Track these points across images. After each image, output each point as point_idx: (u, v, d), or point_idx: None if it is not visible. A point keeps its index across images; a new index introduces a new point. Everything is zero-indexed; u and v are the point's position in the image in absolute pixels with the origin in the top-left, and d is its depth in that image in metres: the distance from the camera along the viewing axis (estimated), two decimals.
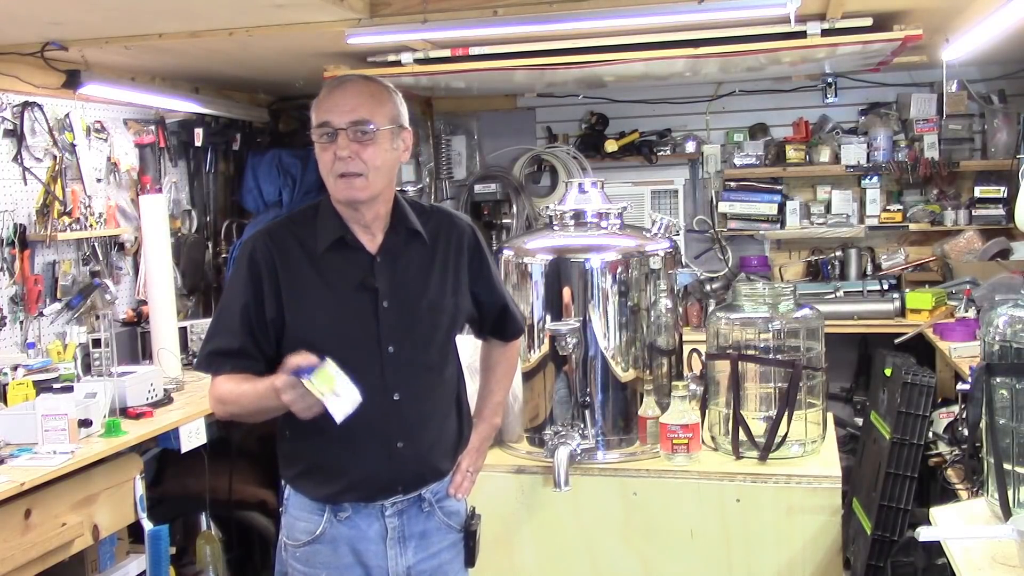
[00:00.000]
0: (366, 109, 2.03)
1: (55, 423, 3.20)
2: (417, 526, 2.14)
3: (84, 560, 3.34)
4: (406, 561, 2.12)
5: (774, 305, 2.89)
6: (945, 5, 3.60)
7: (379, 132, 2.03)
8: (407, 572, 2.13)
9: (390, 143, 2.07)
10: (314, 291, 2.07)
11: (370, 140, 2.02)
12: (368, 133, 2.02)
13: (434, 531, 2.17)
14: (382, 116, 2.05)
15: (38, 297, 3.98)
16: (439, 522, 2.17)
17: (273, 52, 4.14)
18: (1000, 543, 1.99)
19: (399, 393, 2.08)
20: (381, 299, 2.07)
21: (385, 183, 2.08)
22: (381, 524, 2.11)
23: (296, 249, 2.09)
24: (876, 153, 5.43)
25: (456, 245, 2.18)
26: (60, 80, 4.04)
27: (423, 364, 2.11)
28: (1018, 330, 2.09)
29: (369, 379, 1.98)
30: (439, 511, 2.17)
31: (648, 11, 3.40)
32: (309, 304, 2.06)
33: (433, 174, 6.11)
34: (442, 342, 2.16)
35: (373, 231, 2.11)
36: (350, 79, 2.09)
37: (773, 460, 2.77)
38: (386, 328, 2.07)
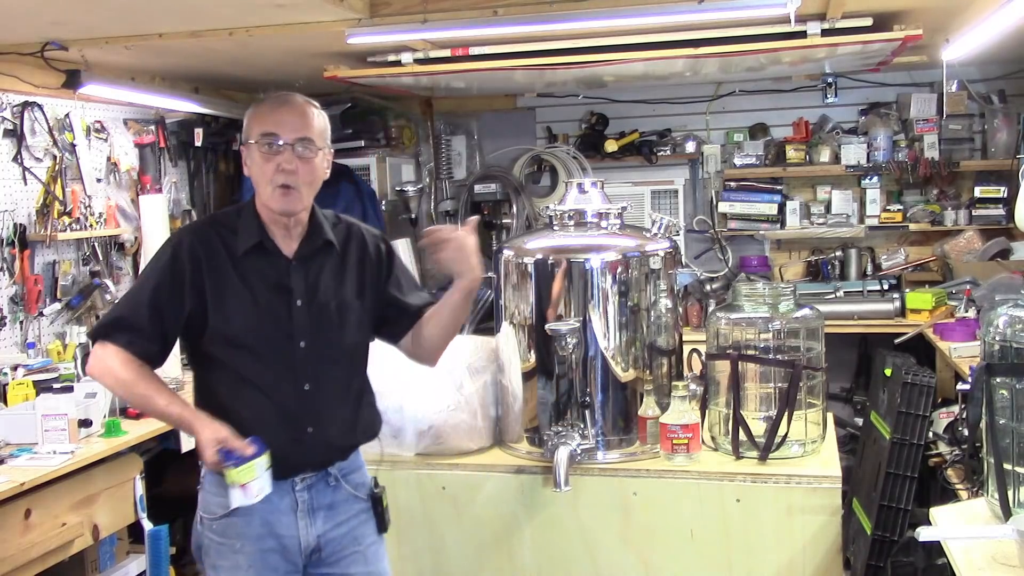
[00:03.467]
0: (310, 129, 2.25)
1: (55, 423, 3.20)
2: (325, 498, 2.31)
3: (84, 560, 3.34)
4: (316, 530, 2.30)
5: (774, 305, 2.89)
6: (945, 5, 3.60)
7: (320, 152, 2.27)
8: (317, 540, 2.30)
9: (323, 162, 2.29)
10: (235, 290, 2.25)
11: (311, 157, 2.25)
12: (311, 151, 2.24)
13: (341, 502, 2.34)
14: (320, 137, 2.28)
15: (38, 297, 3.98)
16: (346, 494, 2.35)
17: (273, 52, 4.14)
18: (1000, 543, 1.99)
19: (309, 384, 2.27)
20: (295, 299, 2.27)
21: (312, 195, 2.31)
22: (292, 498, 2.28)
23: (220, 249, 2.27)
24: (876, 153, 5.43)
25: (360, 254, 2.38)
26: (60, 80, 4.04)
27: (331, 358, 2.30)
28: (1018, 330, 2.10)
29: (283, 371, 2.25)
30: (345, 484, 2.35)
31: (648, 11, 3.40)
32: (231, 302, 2.25)
33: (433, 174, 6.12)
34: (350, 339, 2.35)
35: (292, 237, 2.30)
36: (293, 96, 2.28)
37: (773, 460, 2.77)
38: (299, 325, 2.27)
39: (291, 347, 2.26)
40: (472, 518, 2.91)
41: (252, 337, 2.25)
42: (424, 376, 2.92)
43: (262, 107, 2.28)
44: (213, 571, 2.29)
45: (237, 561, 2.26)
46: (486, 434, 3.03)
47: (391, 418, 2.90)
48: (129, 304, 2.27)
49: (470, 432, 2.97)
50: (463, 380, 2.97)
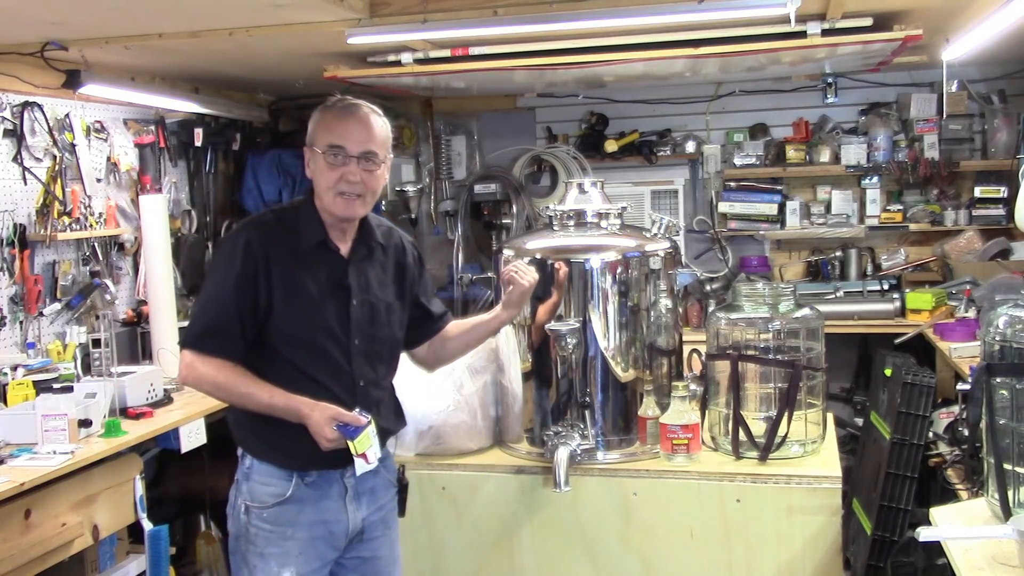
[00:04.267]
0: (376, 142, 2.32)
1: (55, 423, 3.20)
2: (367, 483, 2.41)
3: (84, 560, 3.34)
4: (361, 514, 2.40)
5: (774, 305, 2.89)
6: (945, 5, 3.60)
7: (383, 163, 2.35)
8: (362, 523, 2.41)
9: (385, 171, 2.38)
10: (299, 286, 2.31)
11: (375, 169, 2.33)
12: (375, 163, 2.32)
13: (380, 487, 2.46)
14: (384, 149, 2.35)
15: (38, 297, 3.98)
16: (384, 479, 2.47)
17: (273, 52, 4.14)
18: (1000, 543, 1.99)
19: (363, 379, 2.37)
20: (352, 297, 2.35)
21: (374, 203, 2.39)
22: (341, 485, 2.36)
23: (284, 244, 2.32)
24: (876, 153, 5.43)
25: (399, 257, 2.50)
26: (60, 80, 4.04)
27: (378, 355, 2.41)
28: (1018, 330, 2.10)
29: (339, 366, 2.33)
30: (384, 470, 2.46)
31: (648, 11, 3.39)
32: (295, 298, 2.30)
33: (433, 174, 6.12)
34: (394, 337, 2.48)
35: (346, 238, 2.38)
36: (361, 108, 2.34)
37: (773, 460, 2.77)
38: (355, 322, 2.35)
39: (347, 343, 2.34)
40: (472, 518, 2.91)
41: (312, 332, 2.32)
42: (424, 376, 2.92)
43: (329, 114, 2.33)
44: (260, 559, 2.32)
45: (288, 548, 2.32)
46: (486, 434, 3.03)
47: None
48: (213, 309, 2.30)
49: (470, 432, 2.97)
50: (463, 380, 2.97)
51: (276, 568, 2.31)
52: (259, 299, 2.27)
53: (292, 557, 2.32)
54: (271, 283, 2.28)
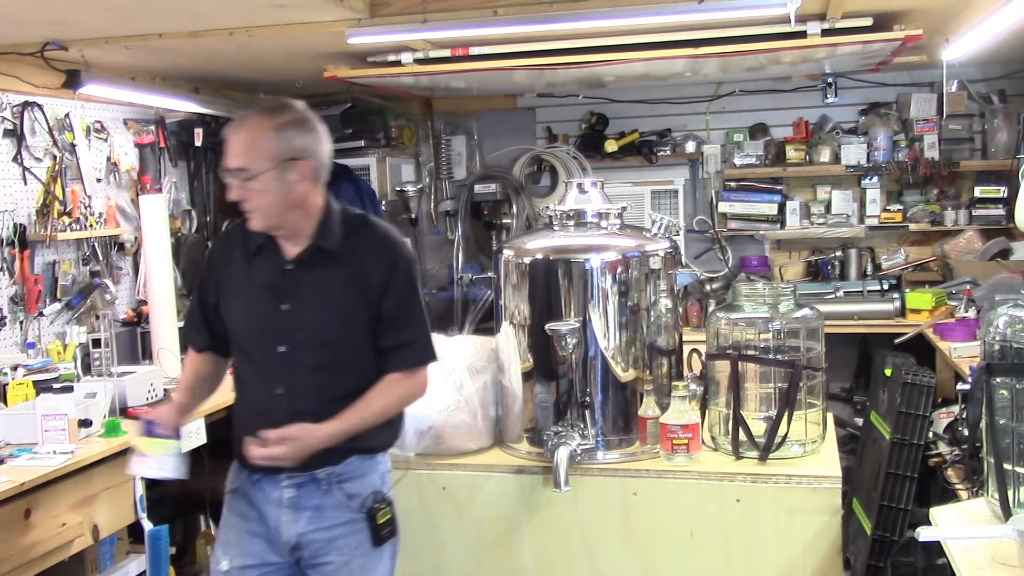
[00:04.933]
0: (245, 156, 2.23)
1: (55, 423, 3.20)
2: (313, 500, 2.33)
3: (84, 560, 3.33)
4: (298, 528, 2.32)
5: (774, 305, 2.89)
6: (945, 5, 3.60)
7: (260, 175, 2.22)
8: (297, 538, 2.33)
9: (275, 181, 2.23)
10: (239, 288, 2.37)
11: (250, 183, 2.23)
12: (246, 178, 2.23)
13: (331, 507, 2.33)
14: (261, 159, 2.22)
15: (38, 297, 3.98)
16: (337, 500, 2.33)
17: (273, 52, 4.14)
18: (1000, 543, 1.99)
19: (282, 388, 2.31)
20: (282, 302, 2.31)
21: (280, 214, 2.28)
22: (279, 492, 2.33)
23: (239, 249, 2.38)
24: (876, 153, 5.43)
25: (373, 266, 2.33)
26: (60, 80, 4.04)
27: (312, 366, 2.30)
28: (1018, 330, 2.09)
29: (262, 371, 2.33)
30: (339, 491, 2.33)
31: (648, 11, 3.40)
32: (233, 299, 2.38)
33: (433, 174, 6.12)
34: (338, 348, 2.32)
35: (296, 243, 2.33)
36: (243, 120, 2.29)
37: (773, 460, 2.77)
38: (281, 329, 2.31)
39: (271, 350, 2.31)
40: (472, 518, 2.91)
41: (243, 335, 2.37)
42: None
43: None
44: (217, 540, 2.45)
45: (229, 537, 2.40)
46: (486, 434, 3.03)
47: None
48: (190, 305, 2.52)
49: (470, 432, 2.97)
50: (463, 380, 2.97)
51: (219, 552, 2.40)
52: (210, 298, 2.41)
53: (231, 547, 2.38)
54: (220, 283, 2.40)
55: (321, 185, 2.34)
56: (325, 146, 2.33)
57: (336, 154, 6.04)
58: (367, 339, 2.34)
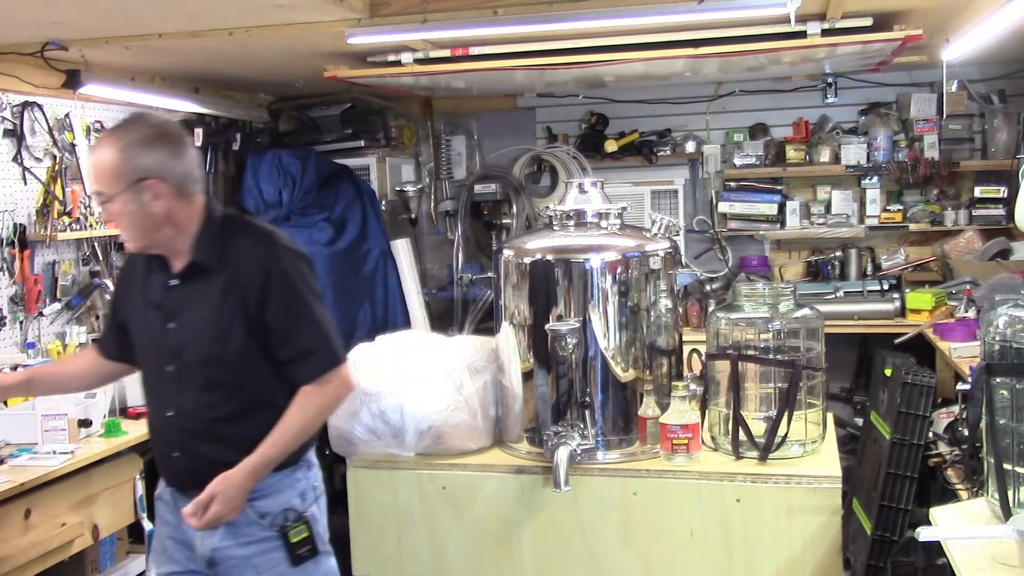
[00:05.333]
0: (98, 180, 2.21)
1: (55, 423, 3.20)
2: None
3: (84, 560, 3.34)
4: (212, 543, 2.29)
5: (774, 305, 2.89)
6: (945, 5, 3.60)
7: (115, 198, 2.18)
8: (212, 552, 2.29)
9: (131, 203, 2.18)
10: (134, 306, 2.36)
11: (109, 207, 2.21)
12: (102, 200, 2.21)
13: (244, 524, 2.27)
14: (111, 183, 2.17)
15: (38, 297, 3.98)
16: (249, 518, 2.27)
17: (273, 52, 4.14)
18: (1000, 543, 1.99)
19: (172, 410, 2.28)
20: (167, 319, 2.27)
21: (146, 235, 2.23)
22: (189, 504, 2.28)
23: (141, 266, 2.34)
24: (876, 153, 5.43)
25: (248, 275, 2.23)
26: (60, 80, 4.04)
27: (201, 386, 2.24)
28: (1018, 330, 2.09)
29: (154, 392, 2.33)
30: (250, 508, 2.27)
31: (648, 11, 3.40)
32: (130, 318, 2.37)
33: (433, 174, 6.12)
34: (224, 366, 2.24)
35: (179, 259, 2.28)
36: (98, 142, 2.28)
37: (773, 460, 2.77)
38: (168, 348, 2.26)
39: (160, 370, 2.28)
40: (472, 518, 2.91)
41: (140, 355, 2.37)
42: (424, 376, 2.92)
43: None
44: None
45: (156, 543, 2.42)
46: (486, 434, 3.03)
47: (391, 418, 2.90)
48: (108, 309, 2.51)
49: (470, 432, 2.97)
50: (463, 380, 2.97)
51: (151, 561, 2.44)
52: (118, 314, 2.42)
53: (156, 553, 2.40)
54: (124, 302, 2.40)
55: (194, 196, 2.25)
56: (183, 159, 2.22)
57: (336, 154, 6.01)
58: (254, 353, 2.24)
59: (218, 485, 2.18)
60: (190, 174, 2.24)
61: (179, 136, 2.25)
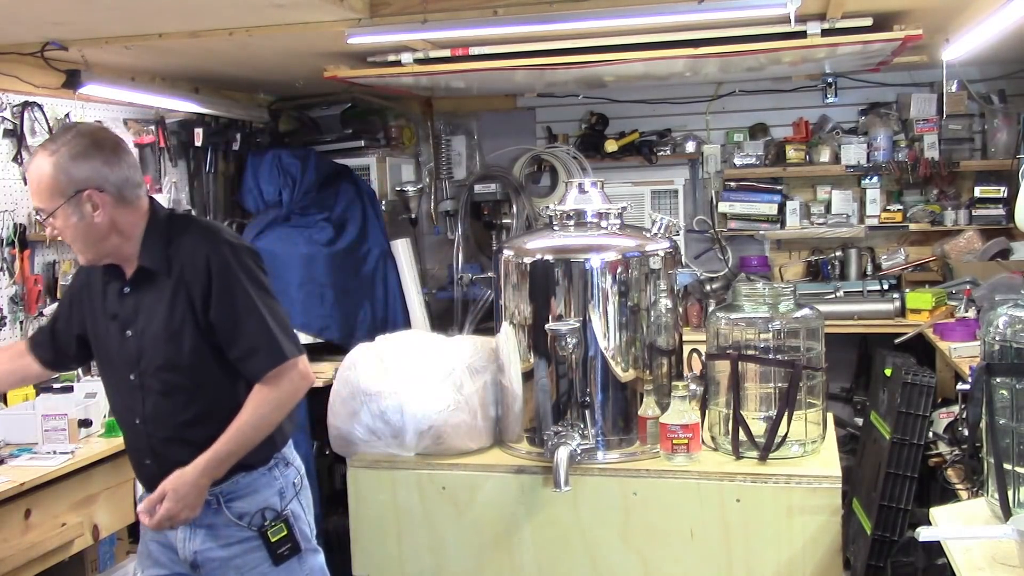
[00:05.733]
0: (36, 196, 2.19)
1: (55, 423, 3.20)
2: (205, 519, 2.28)
3: (84, 560, 3.34)
4: (194, 546, 2.31)
5: (774, 305, 2.89)
6: (945, 5, 3.60)
7: (55, 213, 2.16)
8: (194, 556, 2.31)
9: (72, 216, 2.16)
10: (94, 317, 2.33)
11: (52, 221, 2.18)
12: (47, 218, 2.19)
13: (222, 526, 2.30)
14: (48, 198, 2.16)
15: (38, 297, 3.97)
16: (228, 519, 2.29)
17: (273, 52, 4.14)
18: (1000, 543, 1.99)
19: (139, 418, 2.28)
20: (124, 328, 2.25)
21: (94, 246, 2.22)
22: None
23: (98, 278, 2.32)
24: (876, 153, 5.43)
25: (192, 274, 2.21)
26: (60, 80, 4.04)
27: (161, 392, 2.24)
28: (1018, 330, 2.09)
29: (121, 402, 2.31)
30: (227, 510, 2.29)
31: (648, 11, 3.40)
32: (90, 328, 2.35)
33: (433, 174, 6.12)
34: (182, 370, 2.22)
35: (130, 266, 2.26)
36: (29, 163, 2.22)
37: (773, 460, 2.77)
38: (128, 356, 2.25)
39: (124, 379, 2.27)
40: (472, 518, 2.91)
41: (100, 364, 2.37)
42: (424, 376, 2.93)
43: None
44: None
45: (141, 547, 2.43)
46: (486, 434, 3.03)
47: (391, 418, 2.90)
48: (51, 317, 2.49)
49: (470, 432, 2.97)
50: (463, 380, 2.97)
51: (137, 564, 2.45)
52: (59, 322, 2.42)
53: (142, 556, 2.42)
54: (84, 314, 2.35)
55: (136, 201, 2.23)
56: (119, 166, 2.20)
57: (336, 154, 6.01)
58: (207, 354, 2.23)
59: (169, 483, 2.18)
60: (129, 180, 2.21)
61: (114, 143, 2.22)
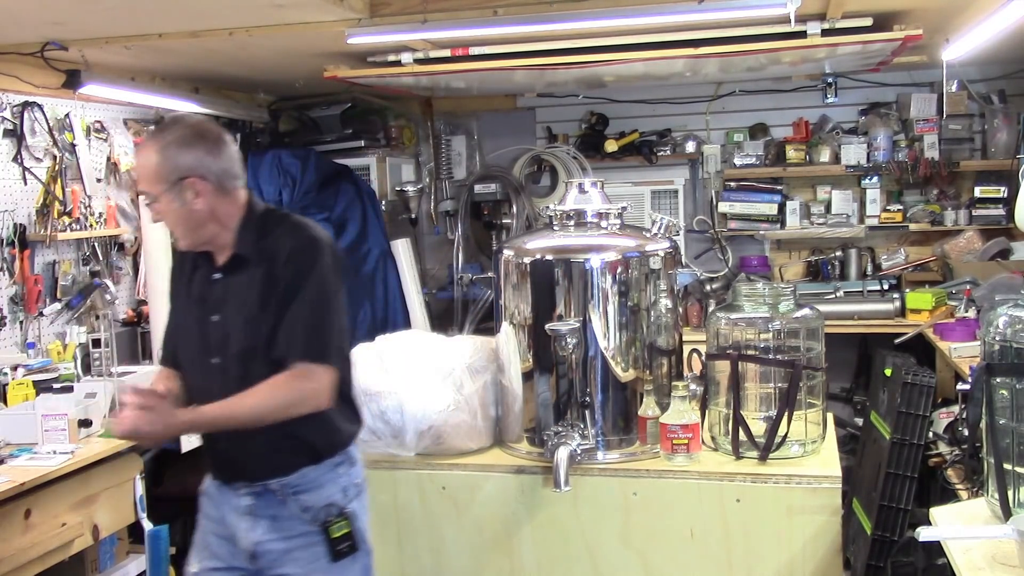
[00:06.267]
0: (143, 181, 2.27)
1: (55, 423, 3.20)
2: (269, 510, 2.31)
3: (84, 560, 3.34)
4: (255, 536, 2.31)
5: (774, 305, 2.88)
6: (945, 5, 3.60)
7: (160, 198, 2.24)
8: (254, 546, 2.32)
9: (175, 201, 2.24)
10: (179, 303, 2.40)
11: (155, 206, 2.27)
12: (148, 200, 2.27)
13: (287, 518, 2.31)
14: (156, 183, 2.24)
15: (38, 297, 3.98)
16: (292, 512, 2.31)
17: (273, 52, 4.14)
18: (1000, 543, 1.99)
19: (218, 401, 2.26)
20: (211, 313, 2.30)
21: (194, 232, 2.28)
22: (238, 500, 2.33)
23: (189, 263, 2.39)
24: (876, 153, 5.43)
25: (276, 263, 2.26)
26: (60, 80, 4.04)
27: (240, 376, 2.25)
28: (1018, 330, 2.09)
29: (201, 387, 2.30)
30: (293, 502, 2.31)
31: (648, 11, 3.40)
32: (174, 313, 2.41)
33: (433, 174, 6.12)
34: (264, 357, 2.25)
35: (223, 254, 2.33)
36: (140, 144, 2.34)
37: (773, 460, 2.76)
38: (212, 340, 2.29)
39: (206, 363, 2.30)
40: (472, 518, 2.91)
41: (182, 349, 2.38)
42: (424, 376, 2.92)
43: None
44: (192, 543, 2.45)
45: (198, 538, 2.42)
46: (486, 434, 3.03)
47: (391, 418, 2.90)
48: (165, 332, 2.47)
49: (470, 432, 2.97)
50: (463, 380, 2.97)
51: (191, 554, 2.42)
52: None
53: (200, 548, 2.40)
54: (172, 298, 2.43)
55: (235, 191, 2.30)
56: (220, 157, 2.26)
57: (336, 154, 6.00)
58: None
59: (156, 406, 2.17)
60: (229, 171, 2.29)
61: (217, 135, 2.30)
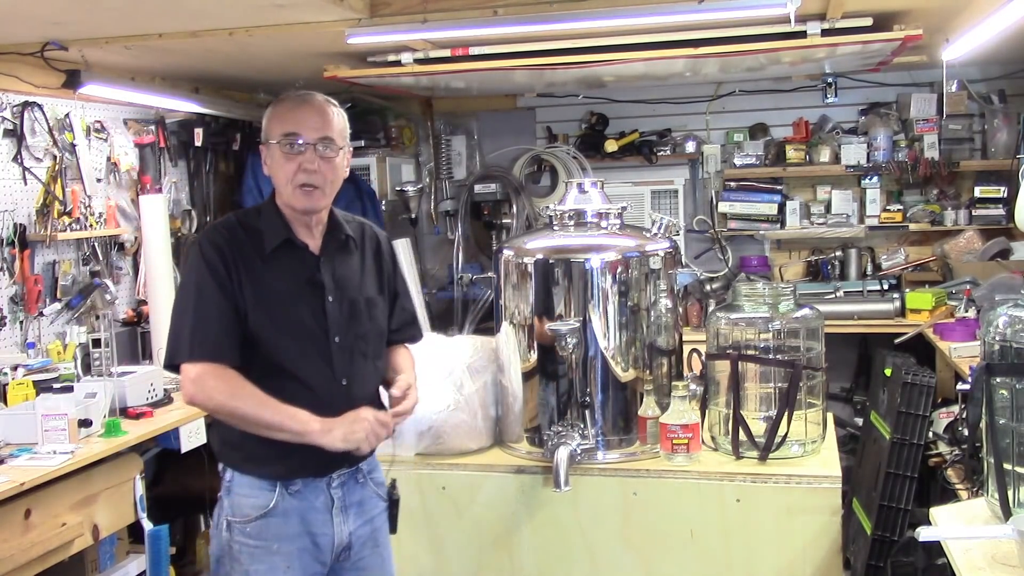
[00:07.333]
0: (331, 128, 2.26)
1: (55, 423, 3.20)
2: (355, 495, 2.35)
3: (84, 560, 3.34)
4: (348, 527, 2.32)
5: (774, 305, 2.89)
6: (945, 5, 3.60)
7: (340, 151, 2.28)
8: (349, 537, 2.33)
9: (343, 160, 2.31)
10: (268, 285, 2.24)
11: (332, 157, 2.26)
12: (332, 150, 2.26)
13: (368, 499, 2.38)
14: (340, 136, 2.29)
15: (38, 297, 3.98)
16: (371, 491, 2.39)
17: (273, 52, 4.14)
18: (1000, 543, 1.99)
19: (346, 379, 2.30)
20: (327, 294, 2.29)
21: (333, 193, 2.32)
22: (327, 495, 2.29)
23: (248, 245, 2.26)
24: (876, 153, 5.43)
25: (376, 250, 2.45)
26: (60, 80, 4.04)
27: (362, 352, 2.34)
28: (1018, 330, 2.09)
29: (321, 366, 2.26)
30: (371, 481, 2.39)
31: (648, 11, 3.40)
32: (266, 297, 2.23)
33: (433, 174, 6.12)
34: (377, 334, 2.40)
35: (314, 234, 2.32)
36: (315, 97, 2.30)
37: (773, 460, 2.77)
38: (332, 320, 2.29)
39: (326, 342, 2.27)
40: (472, 518, 2.91)
41: (288, 331, 2.24)
42: (424, 376, 2.92)
43: (282, 106, 2.27)
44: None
45: (274, 562, 2.22)
46: (486, 434, 3.03)
47: None
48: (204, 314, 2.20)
49: (470, 432, 2.97)
50: (463, 380, 2.97)
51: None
52: (238, 300, 2.20)
53: (280, 571, 2.23)
54: (241, 284, 2.20)
55: None
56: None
57: None
58: (386, 320, 2.45)
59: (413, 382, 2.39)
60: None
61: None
